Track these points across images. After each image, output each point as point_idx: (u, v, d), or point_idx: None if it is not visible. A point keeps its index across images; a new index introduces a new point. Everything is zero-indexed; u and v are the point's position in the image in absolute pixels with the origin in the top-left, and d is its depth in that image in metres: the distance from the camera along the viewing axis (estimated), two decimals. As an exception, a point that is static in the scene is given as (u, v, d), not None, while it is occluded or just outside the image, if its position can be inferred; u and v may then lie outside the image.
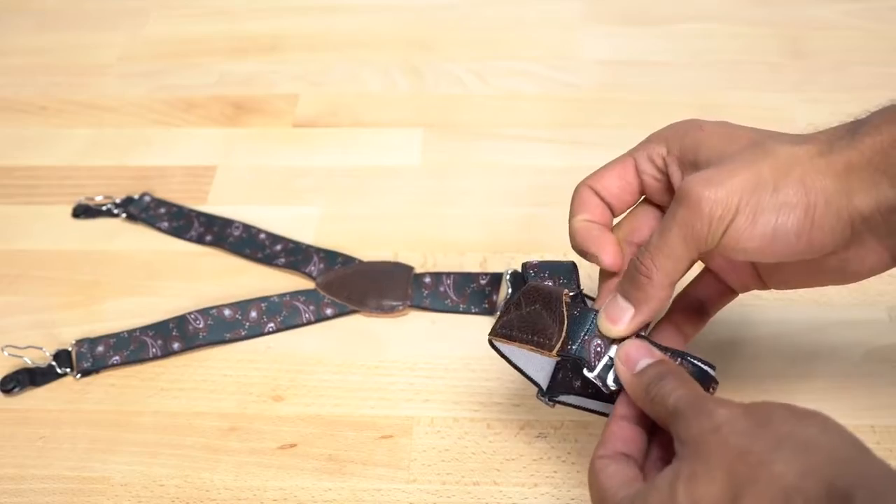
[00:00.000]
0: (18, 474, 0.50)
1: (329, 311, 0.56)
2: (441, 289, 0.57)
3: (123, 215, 0.63)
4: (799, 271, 0.42)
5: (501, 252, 0.60)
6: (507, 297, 0.54)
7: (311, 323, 0.56)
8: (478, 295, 0.56)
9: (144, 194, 0.64)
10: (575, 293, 0.44)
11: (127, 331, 0.55)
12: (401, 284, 0.57)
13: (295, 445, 0.50)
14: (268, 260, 0.60)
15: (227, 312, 0.56)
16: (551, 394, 0.44)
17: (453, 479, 0.48)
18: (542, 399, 0.44)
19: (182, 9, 0.82)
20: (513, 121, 0.69)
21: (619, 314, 0.40)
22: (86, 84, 0.75)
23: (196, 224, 0.62)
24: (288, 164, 0.67)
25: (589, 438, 0.49)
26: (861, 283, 0.41)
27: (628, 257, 0.42)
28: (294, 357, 0.55)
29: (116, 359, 0.54)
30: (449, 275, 0.57)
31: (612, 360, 0.40)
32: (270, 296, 0.57)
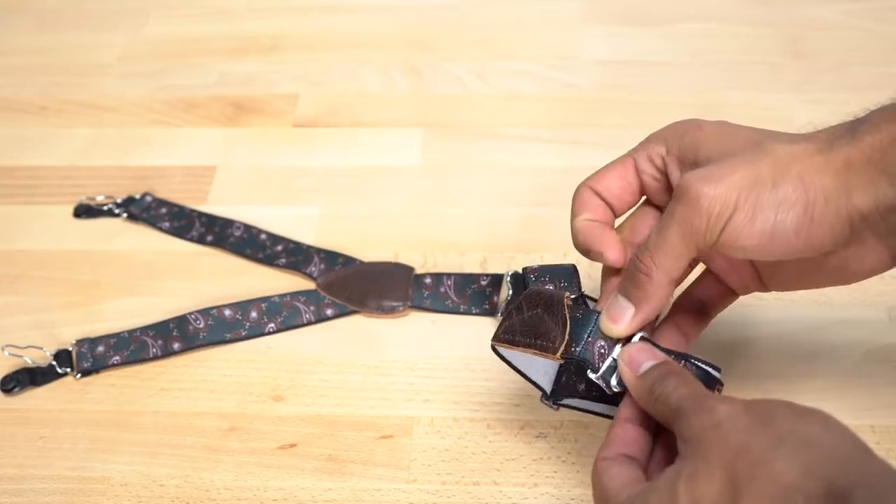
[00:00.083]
0: (18, 474, 0.50)
1: (329, 312, 0.56)
2: (442, 289, 0.57)
3: (124, 215, 0.63)
4: (799, 271, 0.42)
5: (501, 252, 0.60)
6: (508, 301, 0.54)
7: (312, 323, 0.56)
8: (478, 296, 0.56)
9: (146, 194, 0.64)
10: (576, 296, 0.44)
11: (127, 331, 0.55)
12: (401, 285, 0.57)
13: (295, 445, 0.50)
14: (268, 260, 0.60)
15: (228, 312, 0.56)
16: (555, 397, 0.44)
17: (453, 479, 0.48)
18: (547, 403, 0.44)
19: (182, 9, 0.82)
20: (513, 121, 0.69)
21: (620, 313, 0.40)
22: (86, 84, 0.75)
23: (197, 224, 0.62)
24: (288, 164, 0.67)
25: (589, 439, 0.49)
26: (861, 284, 0.41)
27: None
28: (294, 357, 0.55)
29: (117, 359, 0.54)
30: (450, 275, 0.57)
31: (616, 362, 0.40)
32: (271, 296, 0.57)
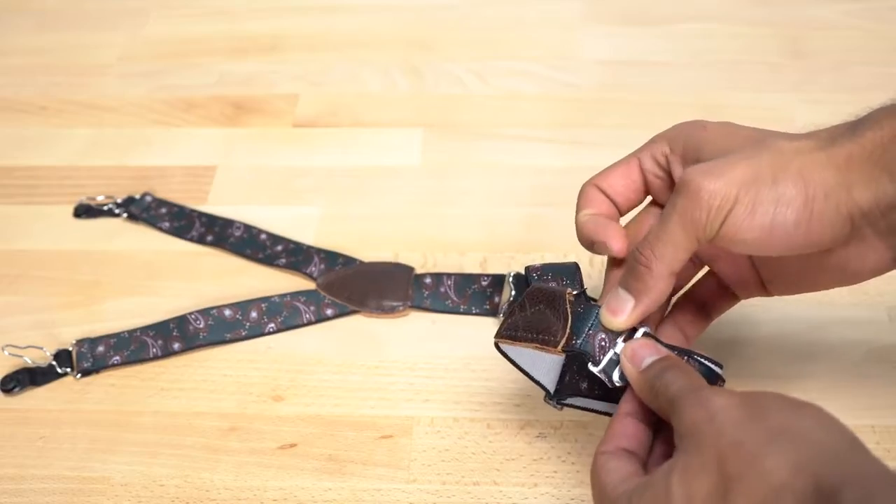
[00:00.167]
0: (18, 474, 0.50)
1: (329, 312, 0.56)
2: (442, 289, 0.57)
3: (124, 215, 0.63)
4: (800, 272, 0.42)
5: (501, 252, 0.60)
6: (511, 300, 0.54)
7: (312, 323, 0.56)
8: (479, 296, 0.56)
9: (146, 194, 0.64)
10: (578, 293, 0.44)
11: (127, 331, 0.55)
12: (401, 285, 0.57)
13: (295, 445, 0.50)
14: (269, 260, 0.60)
15: (228, 312, 0.56)
16: (559, 397, 0.44)
17: (453, 479, 0.48)
18: (551, 402, 0.44)
19: (182, 9, 0.82)
20: (513, 121, 0.69)
21: (621, 306, 0.41)
22: (86, 84, 0.75)
23: (197, 224, 0.62)
24: (288, 164, 0.67)
25: (589, 438, 0.49)
26: (861, 283, 0.41)
27: None
28: (294, 357, 0.55)
29: (117, 359, 0.54)
30: (450, 276, 0.57)
31: (618, 356, 0.41)
32: (271, 296, 0.57)
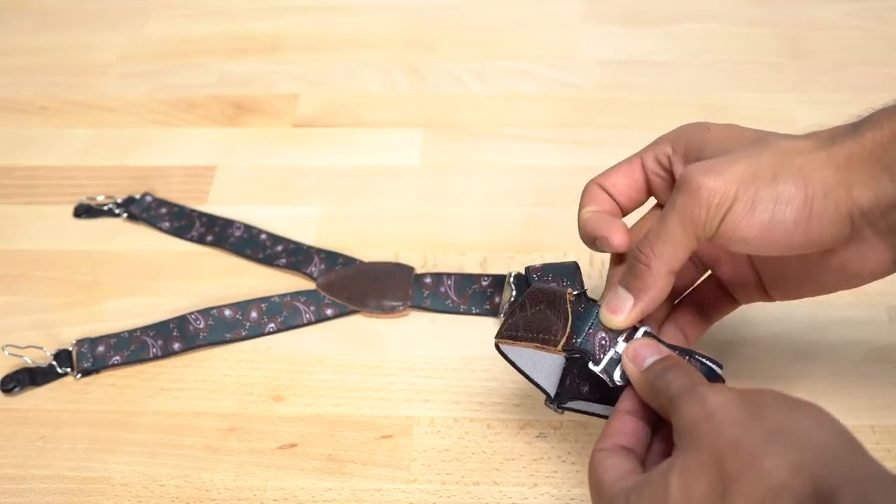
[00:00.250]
0: (18, 474, 0.50)
1: (329, 312, 0.56)
2: (442, 289, 0.57)
3: (124, 215, 0.63)
4: (800, 275, 0.42)
5: (501, 252, 0.60)
6: (512, 301, 0.54)
7: (312, 323, 0.56)
8: (479, 296, 0.56)
9: (146, 194, 0.64)
10: (579, 293, 0.44)
11: (127, 331, 0.55)
12: (401, 285, 0.57)
13: (295, 445, 0.50)
14: (269, 260, 0.60)
15: (228, 313, 0.56)
16: (559, 400, 0.44)
17: (453, 479, 0.48)
18: (551, 406, 0.44)
19: (182, 9, 0.82)
20: (513, 121, 0.69)
21: (620, 304, 0.41)
22: (86, 84, 0.75)
23: (197, 224, 0.62)
24: (288, 164, 0.67)
25: (589, 438, 0.49)
26: (861, 284, 0.41)
27: None
28: (294, 357, 0.55)
29: (117, 359, 0.54)
30: (450, 275, 0.57)
31: (619, 355, 0.41)
32: (271, 296, 0.57)
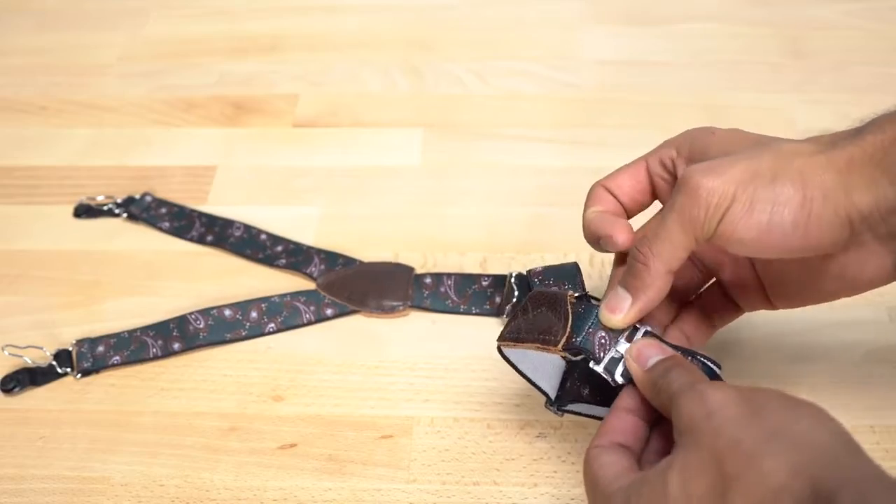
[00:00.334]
0: (18, 474, 0.50)
1: (329, 312, 0.56)
2: (442, 289, 0.57)
3: (124, 215, 0.63)
4: (801, 279, 0.42)
5: (502, 252, 0.60)
6: (514, 304, 0.54)
7: (312, 323, 0.56)
8: (479, 296, 0.56)
9: (146, 194, 0.64)
10: (580, 294, 0.44)
11: (127, 331, 0.55)
12: (401, 285, 0.57)
13: (295, 445, 0.50)
14: (269, 260, 0.60)
15: (228, 313, 0.56)
16: (560, 403, 0.44)
17: (453, 479, 0.48)
18: (551, 409, 0.44)
19: (182, 9, 0.82)
20: (513, 121, 0.69)
21: (619, 303, 0.41)
22: (86, 84, 0.75)
23: (197, 224, 0.62)
24: (288, 164, 0.67)
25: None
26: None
27: None
28: (294, 357, 0.55)
29: (117, 359, 0.54)
30: (450, 276, 0.57)
31: (620, 354, 0.41)
32: (271, 296, 0.57)
